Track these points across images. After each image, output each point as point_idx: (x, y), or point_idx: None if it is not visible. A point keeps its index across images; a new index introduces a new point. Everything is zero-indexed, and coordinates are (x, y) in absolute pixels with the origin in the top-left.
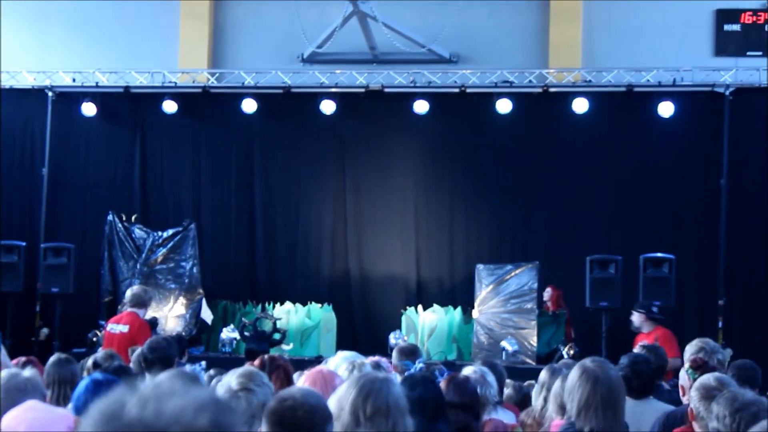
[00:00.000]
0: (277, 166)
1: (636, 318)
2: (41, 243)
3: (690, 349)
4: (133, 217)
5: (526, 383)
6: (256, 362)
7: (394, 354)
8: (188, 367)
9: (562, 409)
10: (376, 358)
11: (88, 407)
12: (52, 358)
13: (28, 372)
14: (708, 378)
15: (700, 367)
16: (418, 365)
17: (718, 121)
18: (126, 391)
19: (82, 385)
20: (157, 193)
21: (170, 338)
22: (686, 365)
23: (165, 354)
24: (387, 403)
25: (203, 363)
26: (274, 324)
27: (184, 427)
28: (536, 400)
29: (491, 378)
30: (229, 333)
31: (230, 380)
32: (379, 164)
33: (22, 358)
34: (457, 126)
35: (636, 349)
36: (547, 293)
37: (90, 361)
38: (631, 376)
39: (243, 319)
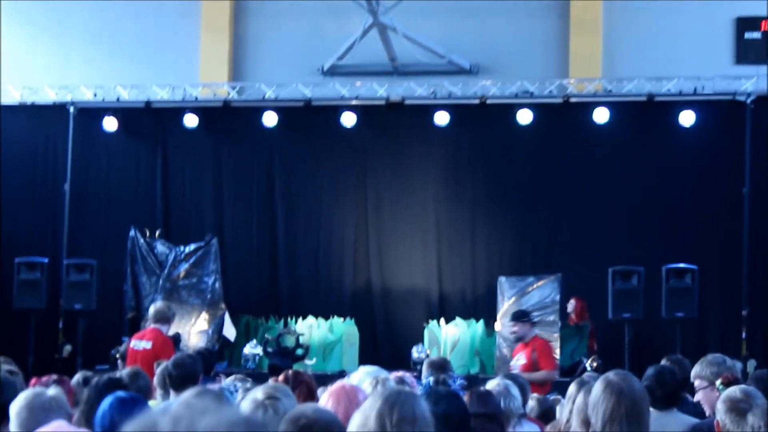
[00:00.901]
0: (298, 180)
1: (520, 328)
2: (64, 259)
3: (703, 367)
4: (156, 233)
5: (552, 397)
6: (280, 377)
7: (424, 368)
8: (224, 382)
9: (585, 423)
10: (400, 373)
11: (114, 425)
12: (77, 377)
13: (52, 390)
14: (734, 390)
15: (731, 383)
16: (429, 379)
17: (739, 130)
18: (159, 410)
19: (106, 402)
20: (179, 207)
21: (195, 355)
22: (717, 382)
23: (190, 371)
24: (414, 412)
25: (238, 384)
26: (297, 339)
27: None
28: (563, 414)
29: (515, 390)
30: (251, 349)
31: (256, 393)
32: (400, 176)
33: (53, 376)
34: (477, 137)
35: (663, 361)
36: (571, 305)
37: (78, 376)
38: (656, 386)
39: (266, 335)
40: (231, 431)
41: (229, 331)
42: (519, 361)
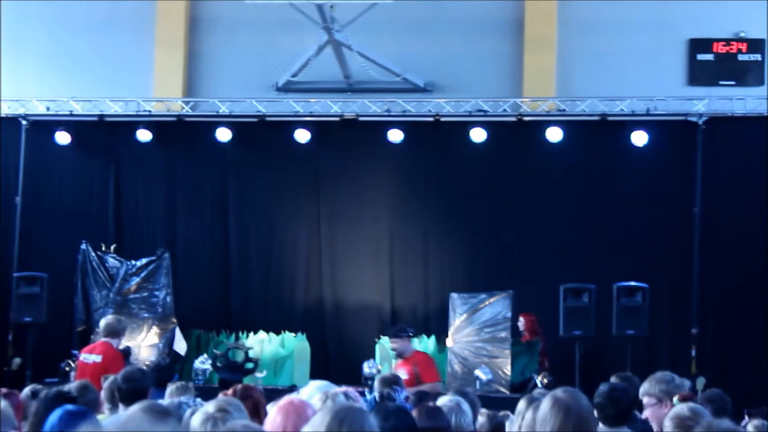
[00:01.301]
0: (251, 195)
1: (399, 344)
2: (14, 272)
3: (652, 384)
4: (111, 248)
5: (501, 413)
6: (229, 391)
7: (376, 383)
8: (183, 398)
9: None
10: (344, 388)
11: None
12: (26, 390)
13: (0, 404)
14: (682, 408)
15: (687, 399)
16: (374, 393)
17: (691, 150)
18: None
19: (55, 416)
20: (131, 221)
21: (145, 369)
22: (675, 398)
23: (139, 385)
24: (362, 428)
25: (198, 399)
26: (246, 354)
27: None
28: (513, 429)
29: (465, 407)
30: (201, 363)
31: (207, 407)
32: (354, 193)
33: (2, 390)
34: (431, 155)
35: (612, 379)
36: (521, 323)
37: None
38: (608, 404)
39: (215, 350)
40: None
41: (180, 345)
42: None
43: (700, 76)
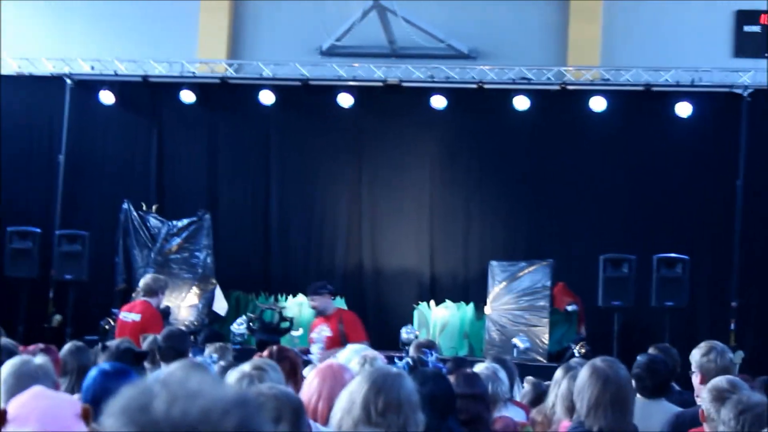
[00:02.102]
0: (293, 158)
1: (320, 301)
2: (56, 230)
3: (698, 352)
4: (153, 208)
5: (546, 383)
6: (265, 353)
7: (412, 349)
8: (199, 359)
9: (569, 409)
10: (372, 353)
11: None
12: (67, 346)
13: (39, 359)
14: (720, 380)
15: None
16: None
17: (735, 122)
18: (153, 385)
19: (91, 375)
20: (173, 182)
21: (184, 330)
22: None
23: (179, 344)
24: (399, 398)
25: (214, 356)
26: (280, 314)
27: (211, 427)
28: (548, 399)
29: (502, 375)
30: (238, 326)
31: (244, 366)
32: (396, 158)
33: (40, 345)
34: (474, 122)
35: (650, 350)
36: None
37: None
38: (647, 375)
39: (249, 313)
40: (227, 413)
41: (220, 305)
42: (323, 332)
43: (746, 47)
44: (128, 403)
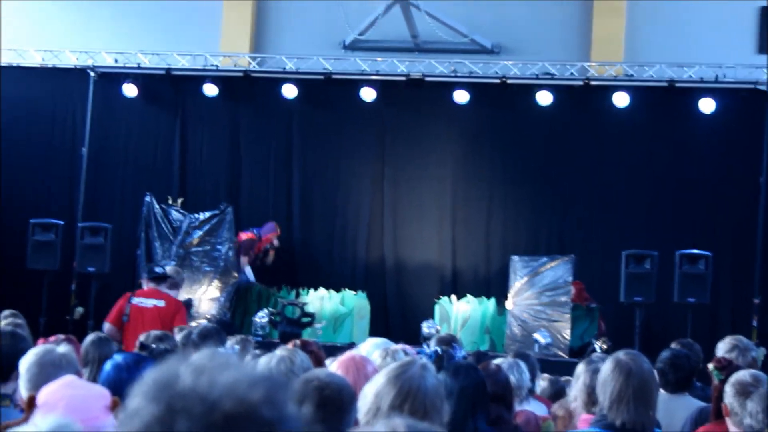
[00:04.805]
0: (316, 152)
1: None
2: (79, 222)
3: (722, 347)
4: (178, 201)
5: (563, 379)
6: (289, 346)
7: (433, 344)
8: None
9: (591, 403)
10: (401, 346)
11: (115, 389)
12: (90, 337)
13: (62, 348)
14: (744, 374)
15: (724, 367)
16: (435, 348)
17: (759, 119)
18: (177, 363)
19: (105, 369)
20: (196, 175)
21: (217, 326)
22: (710, 365)
23: (214, 335)
24: (425, 405)
25: (236, 347)
26: (302, 309)
27: (237, 399)
28: (570, 393)
29: (523, 366)
30: (260, 318)
31: (275, 351)
32: (418, 153)
33: (61, 336)
34: (497, 117)
35: (673, 345)
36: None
37: (92, 336)
38: (670, 370)
39: (271, 308)
40: (253, 387)
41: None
42: None
43: None
44: (153, 383)
